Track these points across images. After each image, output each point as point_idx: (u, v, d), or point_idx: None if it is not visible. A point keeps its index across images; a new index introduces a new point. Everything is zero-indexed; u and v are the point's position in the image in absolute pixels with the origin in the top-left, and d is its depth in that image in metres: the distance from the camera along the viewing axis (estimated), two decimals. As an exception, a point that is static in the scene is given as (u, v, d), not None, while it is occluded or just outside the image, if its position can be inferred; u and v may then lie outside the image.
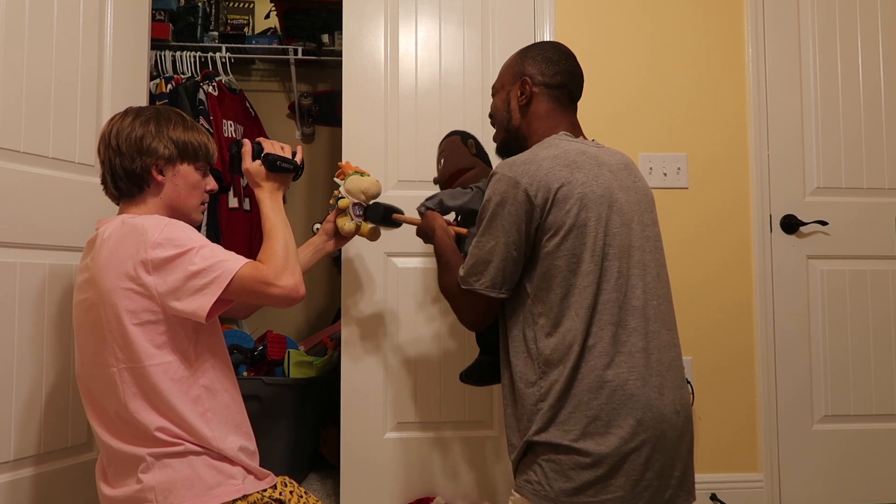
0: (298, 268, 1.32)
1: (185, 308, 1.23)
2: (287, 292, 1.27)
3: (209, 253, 1.25)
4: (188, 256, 1.23)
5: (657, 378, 1.27)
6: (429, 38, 2.19)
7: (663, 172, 2.24)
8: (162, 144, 1.36)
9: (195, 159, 1.41)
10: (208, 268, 1.23)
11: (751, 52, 2.28)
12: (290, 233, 1.38)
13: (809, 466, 2.20)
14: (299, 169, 1.53)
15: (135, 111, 1.40)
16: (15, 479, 1.66)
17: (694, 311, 2.20)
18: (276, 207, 1.43)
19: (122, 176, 1.35)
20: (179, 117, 1.42)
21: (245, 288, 1.25)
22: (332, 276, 3.16)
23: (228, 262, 1.25)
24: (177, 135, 1.38)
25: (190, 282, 1.22)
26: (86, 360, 1.32)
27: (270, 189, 1.47)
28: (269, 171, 1.48)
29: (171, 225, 1.27)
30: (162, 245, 1.23)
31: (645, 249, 1.35)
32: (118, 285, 1.23)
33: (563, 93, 1.47)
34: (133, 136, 1.35)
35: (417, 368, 2.12)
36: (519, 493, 1.30)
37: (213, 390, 1.32)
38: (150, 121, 1.37)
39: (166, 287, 1.22)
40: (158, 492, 1.22)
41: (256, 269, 1.26)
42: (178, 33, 2.89)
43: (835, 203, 2.26)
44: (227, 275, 1.23)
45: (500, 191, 1.32)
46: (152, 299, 1.23)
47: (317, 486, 2.36)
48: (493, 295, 1.34)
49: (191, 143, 1.40)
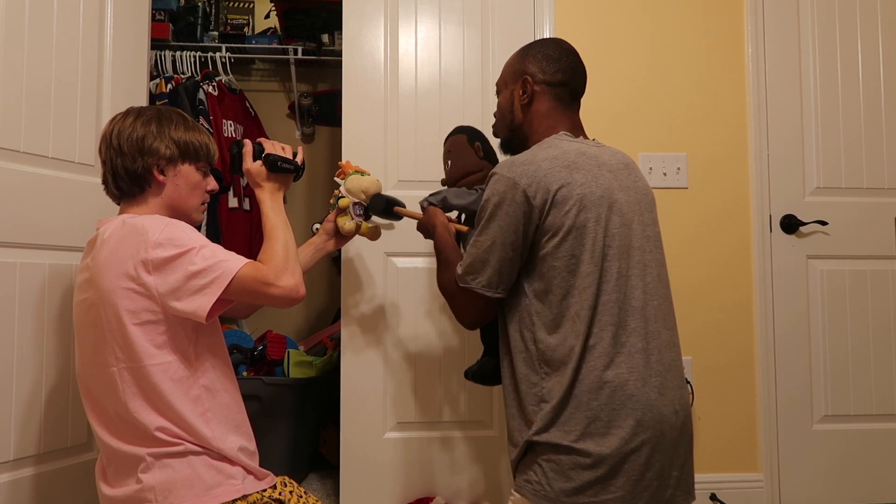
0: (299, 268, 1.32)
1: (185, 308, 1.23)
2: (287, 293, 1.27)
3: (209, 253, 1.25)
4: (188, 256, 1.23)
5: (657, 378, 1.27)
6: (429, 38, 2.19)
7: (663, 172, 2.24)
8: (163, 144, 1.36)
9: (196, 159, 1.42)
10: (208, 268, 1.23)
11: (751, 52, 2.28)
12: (291, 233, 1.38)
13: (809, 466, 2.20)
14: (300, 169, 1.53)
15: (136, 111, 1.40)
16: (15, 478, 1.66)
17: (694, 310, 2.20)
18: (277, 208, 1.44)
19: (124, 176, 1.35)
20: (181, 117, 1.42)
21: (245, 288, 1.25)
22: (331, 276, 3.16)
23: (229, 262, 1.25)
24: (178, 135, 1.38)
25: (190, 282, 1.22)
26: (86, 359, 1.32)
27: (271, 189, 1.47)
28: (270, 171, 1.48)
29: (171, 225, 1.28)
30: (162, 245, 1.23)
31: (645, 249, 1.35)
32: (118, 285, 1.23)
33: (565, 91, 1.46)
34: (135, 136, 1.35)
35: (417, 368, 2.12)
36: (519, 493, 1.30)
37: (213, 390, 1.31)
38: (152, 121, 1.37)
39: (166, 287, 1.22)
40: (158, 492, 1.22)
41: (257, 269, 1.26)
42: (178, 33, 2.89)
43: (835, 203, 2.26)
44: (227, 275, 1.23)
45: (499, 191, 1.32)
46: (152, 299, 1.23)
47: (316, 486, 2.36)
48: (490, 294, 1.35)
49: (192, 144, 1.40)
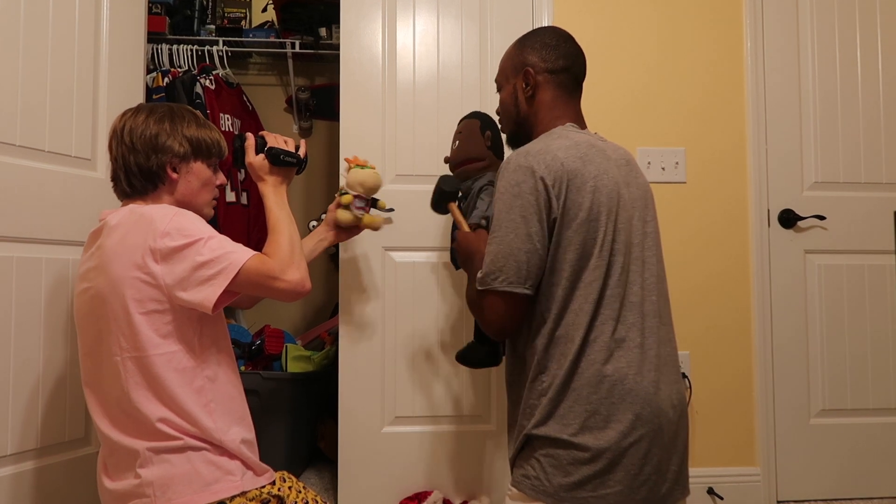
0: (304, 262, 1.33)
1: (191, 298, 1.23)
2: (293, 287, 1.28)
3: (217, 244, 1.26)
4: (196, 247, 1.23)
5: (654, 373, 1.27)
6: (427, 32, 2.18)
7: (661, 167, 2.23)
8: (177, 142, 1.37)
9: (208, 156, 1.43)
10: (215, 259, 1.23)
11: (749, 47, 2.27)
12: (295, 227, 1.39)
13: (806, 460, 2.21)
14: (303, 163, 1.53)
15: (147, 108, 1.41)
16: (13, 473, 1.66)
17: (691, 305, 2.20)
18: (280, 201, 1.44)
19: (137, 173, 1.36)
20: (192, 115, 1.44)
21: (251, 281, 1.25)
22: (329, 271, 3.16)
23: (236, 253, 1.25)
24: (191, 132, 1.40)
25: (197, 272, 1.23)
26: (88, 349, 1.32)
27: (274, 183, 1.47)
28: (273, 164, 1.48)
29: (180, 214, 1.28)
30: (171, 234, 1.23)
31: (644, 245, 1.35)
32: (126, 274, 1.23)
33: (568, 77, 1.44)
34: (148, 134, 1.36)
35: (415, 363, 2.12)
36: (516, 488, 1.29)
37: (216, 381, 1.32)
38: (165, 119, 1.38)
39: (173, 277, 1.23)
40: (156, 487, 1.22)
41: (263, 262, 1.26)
42: (175, 26, 2.87)
43: (833, 198, 2.26)
44: (233, 267, 1.23)
45: (517, 180, 1.28)
46: (159, 288, 1.23)
47: (314, 481, 2.36)
48: (517, 291, 1.26)
49: (204, 141, 1.42)
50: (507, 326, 1.32)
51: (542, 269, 1.28)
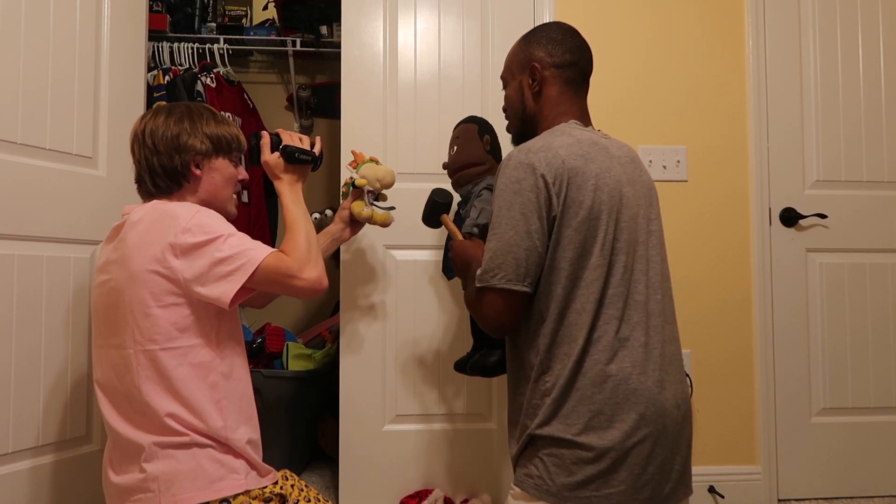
0: (321, 260, 1.34)
1: (209, 294, 1.24)
2: (310, 284, 1.29)
3: (236, 241, 1.27)
4: (216, 244, 1.25)
5: (658, 372, 1.26)
6: (428, 30, 2.18)
7: (663, 165, 2.23)
8: (198, 140, 1.39)
9: (229, 152, 1.45)
10: (234, 255, 1.25)
11: (751, 45, 2.27)
12: (311, 224, 1.40)
13: (807, 459, 2.21)
14: (318, 160, 1.54)
15: (166, 109, 1.43)
16: (13, 471, 1.66)
17: (693, 303, 2.21)
18: (296, 199, 1.45)
19: (162, 174, 1.38)
20: (210, 112, 1.45)
21: (268, 279, 1.26)
22: (330, 269, 3.14)
23: (254, 251, 1.26)
24: (210, 129, 1.42)
25: (216, 268, 1.24)
26: (102, 341, 1.32)
27: (290, 181, 1.49)
28: (288, 162, 1.49)
29: (201, 212, 1.30)
30: (192, 230, 1.25)
31: (648, 244, 1.34)
32: (146, 268, 1.24)
33: (575, 71, 1.43)
34: (169, 134, 1.38)
35: (416, 361, 2.12)
36: (519, 487, 1.29)
37: (230, 378, 1.33)
38: (184, 118, 1.40)
39: (192, 272, 1.24)
40: (161, 482, 1.22)
41: (281, 260, 1.28)
42: (176, 24, 2.87)
43: (834, 196, 2.26)
44: (252, 263, 1.25)
45: (517, 177, 1.27)
46: (177, 283, 1.24)
47: (315, 479, 2.36)
48: (516, 289, 1.25)
49: (224, 137, 1.43)
50: (506, 323, 1.31)
51: (542, 267, 1.28)
